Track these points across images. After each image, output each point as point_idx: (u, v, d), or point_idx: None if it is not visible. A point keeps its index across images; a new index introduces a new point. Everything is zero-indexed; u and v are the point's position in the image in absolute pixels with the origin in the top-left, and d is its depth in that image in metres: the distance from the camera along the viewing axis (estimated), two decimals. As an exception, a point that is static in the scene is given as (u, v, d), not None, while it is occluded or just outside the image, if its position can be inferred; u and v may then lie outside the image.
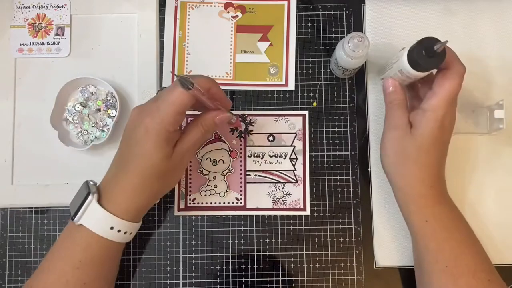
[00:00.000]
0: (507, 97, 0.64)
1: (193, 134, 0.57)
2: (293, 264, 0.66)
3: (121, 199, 0.56)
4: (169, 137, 0.54)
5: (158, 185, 0.57)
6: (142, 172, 0.55)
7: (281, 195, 0.67)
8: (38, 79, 0.69)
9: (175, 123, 0.54)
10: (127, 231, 0.57)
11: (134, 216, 0.57)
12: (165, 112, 0.53)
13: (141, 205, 0.57)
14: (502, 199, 0.67)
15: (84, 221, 0.55)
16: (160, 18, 0.71)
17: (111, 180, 0.57)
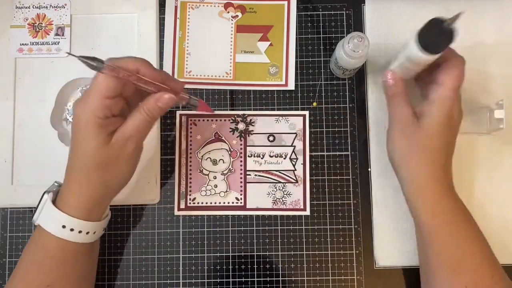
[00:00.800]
0: (507, 97, 0.64)
1: (134, 120, 0.53)
2: (293, 264, 0.66)
3: (69, 197, 0.54)
4: (101, 124, 0.51)
5: (102, 176, 0.54)
6: (80, 164, 0.53)
7: (281, 195, 0.67)
8: (38, 79, 0.69)
9: (104, 108, 0.51)
10: (82, 230, 0.54)
11: (88, 213, 0.54)
12: (91, 99, 0.50)
13: (90, 201, 0.54)
14: (502, 199, 0.67)
15: (40, 221, 0.54)
16: (160, 18, 0.71)
17: (64, 179, 0.56)
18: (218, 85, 0.69)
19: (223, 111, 0.69)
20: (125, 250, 0.66)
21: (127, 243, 0.67)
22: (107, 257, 0.66)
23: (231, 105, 0.69)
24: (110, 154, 0.53)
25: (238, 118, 0.68)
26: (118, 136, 0.53)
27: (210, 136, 0.68)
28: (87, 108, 0.51)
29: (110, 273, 0.66)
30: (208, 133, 0.68)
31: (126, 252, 0.67)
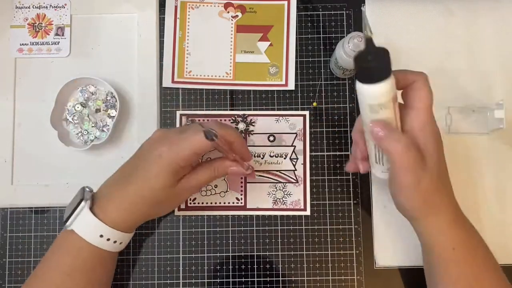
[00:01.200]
0: (507, 97, 0.64)
1: (203, 175, 0.59)
2: (293, 264, 0.66)
3: (113, 212, 0.56)
4: (178, 170, 0.56)
5: (153, 210, 0.59)
6: (141, 193, 0.56)
7: (281, 195, 0.67)
8: (38, 79, 0.69)
9: (189, 160, 0.55)
10: (117, 240, 0.57)
11: (125, 228, 0.58)
12: (183, 148, 0.54)
13: (133, 221, 0.58)
14: (503, 199, 0.67)
15: (75, 227, 0.55)
16: (160, 18, 0.71)
17: (109, 190, 0.58)
18: (218, 85, 0.69)
19: (223, 111, 0.69)
20: (125, 250, 0.66)
21: (127, 243, 0.67)
22: (107, 257, 0.66)
23: (231, 105, 0.69)
24: (169, 196, 0.58)
25: (238, 118, 0.68)
26: (184, 184, 0.58)
27: None
28: (175, 153, 0.54)
29: (110, 273, 0.66)
30: (208, 133, 0.68)
31: (126, 252, 0.67)
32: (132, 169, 0.58)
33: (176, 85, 0.69)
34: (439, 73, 0.68)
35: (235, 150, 0.58)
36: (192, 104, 0.69)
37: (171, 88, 0.69)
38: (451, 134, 0.67)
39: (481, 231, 0.60)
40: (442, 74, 0.68)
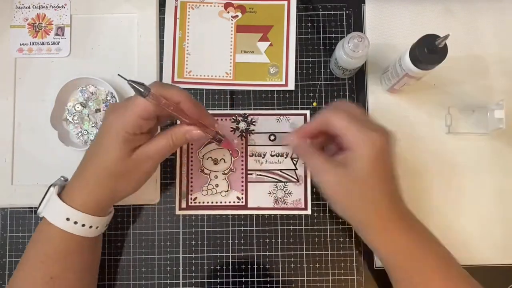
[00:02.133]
0: (507, 97, 0.64)
1: (158, 143, 0.56)
2: (293, 264, 0.66)
3: (78, 194, 0.56)
4: (128, 139, 0.54)
5: (114, 185, 0.56)
6: (97, 169, 0.55)
7: (282, 195, 0.67)
8: (38, 79, 0.69)
9: (137, 127, 0.53)
10: (86, 223, 0.56)
11: (93, 209, 0.56)
12: (128, 114, 0.53)
13: (98, 200, 0.57)
14: (502, 199, 0.67)
15: (45, 213, 0.56)
16: (160, 18, 0.71)
17: (74, 174, 0.58)
18: (218, 85, 0.69)
19: (223, 111, 0.69)
20: (125, 250, 0.66)
21: (127, 243, 0.67)
22: (107, 257, 0.66)
23: (231, 105, 0.69)
24: (126, 167, 0.55)
25: (239, 117, 0.68)
26: (139, 154, 0.55)
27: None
28: (120, 121, 0.53)
29: (110, 273, 0.66)
30: (209, 133, 0.68)
31: (126, 252, 0.67)
32: (91, 147, 0.58)
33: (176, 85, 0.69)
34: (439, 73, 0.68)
35: (188, 113, 0.55)
36: (192, 104, 0.69)
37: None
38: (451, 134, 0.67)
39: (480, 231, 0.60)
40: (442, 74, 0.68)
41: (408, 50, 0.56)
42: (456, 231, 0.66)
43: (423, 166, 0.67)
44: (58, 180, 0.58)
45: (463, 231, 0.66)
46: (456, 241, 0.65)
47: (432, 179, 0.67)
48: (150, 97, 0.50)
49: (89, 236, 0.57)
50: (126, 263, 0.66)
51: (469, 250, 0.65)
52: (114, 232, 0.67)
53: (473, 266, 0.63)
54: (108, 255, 0.66)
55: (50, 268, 0.55)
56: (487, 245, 0.63)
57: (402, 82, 0.61)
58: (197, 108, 0.56)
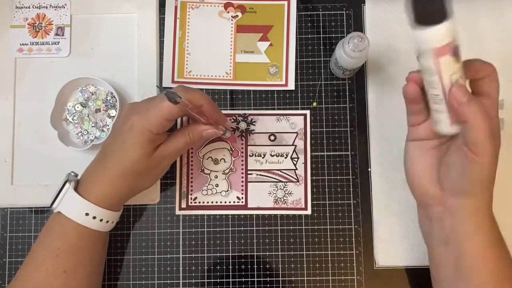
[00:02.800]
0: (507, 97, 0.64)
1: (178, 141, 0.59)
2: (293, 264, 0.66)
3: (97, 189, 0.57)
4: (152, 138, 0.56)
5: (134, 182, 0.59)
6: (120, 167, 0.57)
7: (282, 195, 0.67)
8: (38, 79, 0.69)
9: (160, 127, 0.56)
10: (103, 218, 0.58)
11: (111, 204, 0.58)
12: (153, 115, 0.55)
13: (117, 196, 0.59)
14: (502, 199, 0.67)
15: (61, 208, 0.57)
16: (160, 18, 0.71)
17: (91, 170, 0.59)
18: (218, 85, 0.69)
19: (223, 110, 0.69)
20: (125, 250, 0.66)
21: (127, 243, 0.67)
22: (107, 257, 0.66)
23: (231, 105, 0.69)
24: (148, 165, 0.58)
25: (239, 117, 0.68)
26: (160, 152, 0.58)
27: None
28: (145, 121, 0.55)
29: (110, 273, 0.66)
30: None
31: (126, 252, 0.67)
32: (109, 146, 0.59)
33: (176, 85, 0.69)
34: (439, 73, 0.68)
35: (207, 114, 0.58)
36: (192, 104, 0.69)
37: (171, 88, 0.69)
38: (451, 134, 0.67)
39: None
40: (442, 74, 0.68)
41: None
42: (456, 231, 0.66)
43: (423, 166, 0.67)
44: (71, 176, 0.59)
45: (463, 231, 0.66)
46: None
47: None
48: (180, 105, 0.53)
49: (103, 231, 0.59)
50: (126, 263, 0.66)
51: (469, 250, 0.65)
52: (114, 232, 0.67)
53: (473, 266, 0.63)
54: (108, 255, 0.66)
55: (64, 262, 0.56)
56: (487, 245, 0.63)
57: None
58: (215, 109, 0.60)
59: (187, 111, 0.55)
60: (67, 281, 0.56)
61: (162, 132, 0.57)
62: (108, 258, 0.66)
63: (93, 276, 0.61)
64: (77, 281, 0.57)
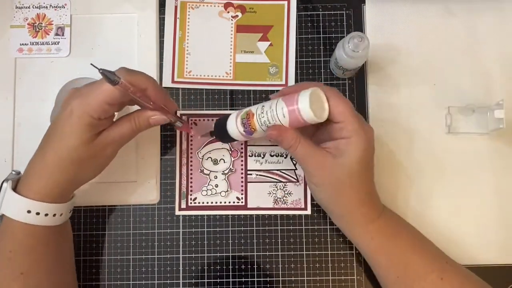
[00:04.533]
0: (507, 97, 0.64)
1: (121, 127, 0.56)
2: (293, 264, 0.66)
3: (36, 184, 0.54)
4: (92, 123, 0.53)
5: (75, 171, 0.55)
6: (59, 155, 0.54)
7: (282, 195, 0.67)
8: (38, 79, 0.69)
9: (101, 111, 0.53)
10: (48, 212, 0.54)
11: (53, 197, 0.55)
12: (93, 98, 0.52)
13: (59, 187, 0.55)
14: (502, 199, 0.67)
15: (3, 210, 0.54)
16: (160, 18, 0.71)
17: (30, 164, 0.56)
18: (218, 85, 0.69)
19: (223, 111, 0.69)
20: (125, 250, 0.66)
21: (127, 243, 0.67)
22: (107, 257, 0.66)
23: (231, 105, 0.69)
24: (90, 152, 0.55)
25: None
26: (103, 139, 0.55)
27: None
28: (85, 105, 0.52)
29: (110, 273, 0.66)
30: (209, 133, 0.68)
31: (126, 252, 0.66)
32: (49, 134, 0.56)
33: (176, 85, 0.69)
34: (439, 73, 0.68)
35: (153, 99, 0.55)
36: (192, 104, 0.69)
37: (171, 88, 0.69)
38: (451, 134, 0.67)
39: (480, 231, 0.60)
40: (442, 74, 0.68)
41: None
42: (455, 231, 0.66)
43: (423, 166, 0.67)
44: (10, 175, 0.57)
45: (462, 230, 0.66)
46: (455, 241, 0.65)
47: (432, 179, 0.67)
48: (120, 86, 0.50)
49: (54, 225, 0.56)
50: (126, 263, 0.66)
51: (468, 249, 0.65)
52: (114, 232, 0.67)
53: (472, 266, 0.63)
54: (108, 255, 0.66)
55: (19, 264, 0.54)
56: (487, 245, 0.63)
57: None
58: (162, 94, 0.57)
59: (131, 95, 0.52)
60: (26, 281, 0.54)
61: (103, 118, 0.54)
62: (108, 258, 0.66)
63: (55, 274, 0.58)
64: (37, 280, 0.55)
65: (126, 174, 0.67)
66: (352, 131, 0.55)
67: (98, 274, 0.66)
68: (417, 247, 0.58)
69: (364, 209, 0.58)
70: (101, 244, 0.67)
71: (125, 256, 0.66)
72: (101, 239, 0.67)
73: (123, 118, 0.57)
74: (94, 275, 0.66)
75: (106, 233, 0.67)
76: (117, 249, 0.67)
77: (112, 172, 0.65)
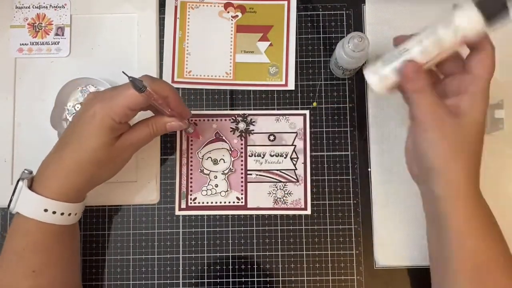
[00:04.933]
0: (507, 97, 0.64)
1: (140, 131, 0.58)
2: (293, 264, 0.66)
3: (53, 183, 0.55)
4: (113, 127, 0.55)
5: (93, 172, 0.57)
6: (77, 156, 0.55)
7: (282, 195, 0.67)
8: (38, 79, 0.69)
9: (123, 116, 0.54)
10: (64, 212, 0.55)
11: (69, 197, 0.56)
12: (116, 103, 0.54)
13: (75, 188, 0.56)
14: (502, 199, 0.67)
15: (19, 209, 0.55)
16: (160, 18, 0.71)
17: (47, 163, 0.57)
18: (218, 85, 0.69)
19: (223, 111, 0.69)
20: (125, 250, 0.66)
21: (127, 243, 0.67)
22: (107, 257, 0.66)
23: (231, 105, 0.69)
24: (109, 155, 0.56)
25: (238, 117, 0.68)
26: (122, 142, 0.57)
27: (210, 136, 0.68)
28: (108, 108, 0.54)
29: (110, 273, 0.66)
30: (209, 133, 0.68)
31: (126, 252, 0.67)
32: (67, 135, 0.57)
33: (176, 85, 0.69)
34: (439, 73, 0.68)
35: (172, 106, 0.57)
36: (192, 104, 0.69)
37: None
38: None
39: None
40: (442, 74, 0.68)
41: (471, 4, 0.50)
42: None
43: (423, 166, 0.67)
44: (24, 174, 0.57)
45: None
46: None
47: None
48: (145, 94, 0.51)
49: (68, 223, 0.57)
50: (126, 263, 0.66)
51: (469, 250, 0.65)
52: (114, 232, 0.67)
53: (473, 266, 0.63)
54: (108, 255, 0.66)
55: (32, 261, 0.55)
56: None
57: None
58: (180, 101, 0.58)
59: (152, 102, 0.54)
60: (37, 280, 0.55)
61: (124, 122, 0.56)
62: (108, 258, 0.66)
63: (66, 273, 0.59)
64: (48, 279, 0.56)
65: (126, 174, 0.67)
66: (480, 91, 0.51)
67: (98, 274, 0.66)
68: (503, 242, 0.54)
69: (470, 186, 0.52)
70: (101, 244, 0.67)
71: (125, 256, 0.66)
72: (101, 239, 0.67)
73: (141, 123, 0.59)
74: (94, 275, 0.66)
75: (106, 233, 0.67)
76: (117, 249, 0.67)
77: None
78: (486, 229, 0.53)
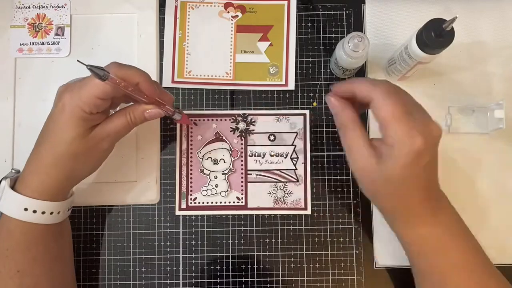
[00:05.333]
0: (507, 97, 0.64)
1: (117, 121, 0.56)
2: (293, 264, 0.66)
3: (33, 181, 0.54)
4: (85, 117, 0.53)
5: (71, 166, 0.55)
6: (54, 150, 0.54)
7: (282, 195, 0.67)
8: (38, 79, 0.69)
9: (93, 106, 0.52)
10: (46, 211, 0.55)
11: (51, 195, 0.55)
12: (84, 92, 0.52)
13: (56, 185, 0.55)
14: (503, 199, 0.67)
15: (1, 208, 0.54)
16: (160, 18, 0.71)
17: (28, 162, 0.56)
18: (218, 85, 0.69)
19: (223, 110, 0.69)
20: (125, 250, 0.66)
21: (127, 243, 0.67)
22: (107, 257, 0.66)
23: (231, 105, 0.69)
24: (84, 146, 0.55)
25: (238, 117, 0.68)
26: (97, 133, 0.55)
27: (210, 136, 0.68)
28: (76, 99, 0.52)
29: (110, 273, 0.66)
30: (209, 133, 0.68)
31: (126, 252, 0.67)
32: (44, 130, 0.56)
33: (176, 85, 0.69)
34: (439, 72, 0.68)
35: (146, 92, 0.55)
36: (192, 104, 0.69)
37: (171, 88, 0.69)
38: (451, 134, 0.67)
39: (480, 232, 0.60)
40: (442, 74, 0.68)
41: (414, 37, 0.57)
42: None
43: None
44: (9, 173, 0.57)
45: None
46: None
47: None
48: (110, 81, 0.50)
49: (51, 223, 0.56)
50: (126, 263, 0.66)
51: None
52: (114, 232, 0.67)
53: (473, 266, 0.63)
54: (108, 255, 0.66)
55: (15, 261, 0.54)
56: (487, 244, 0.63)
57: (413, 70, 0.63)
58: (155, 87, 0.56)
59: (122, 90, 0.52)
60: (23, 280, 0.54)
61: (96, 112, 0.54)
62: (108, 258, 0.66)
63: (52, 273, 0.58)
64: (34, 279, 0.55)
65: (126, 174, 0.67)
66: (395, 138, 0.49)
67: (98, 274, 0.66)
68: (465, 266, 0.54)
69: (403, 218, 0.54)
70: (101, 244, 0.67)
71: (125, 256, 0.66)
72: (101, 239, 0.67)
73: (118, 112, 0.57)
74: (94, 275, 0.66)
75: (106, 233, 0.67)
76: (117, 249, 0.67)
77: (112, 172, 0.65)
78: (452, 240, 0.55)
